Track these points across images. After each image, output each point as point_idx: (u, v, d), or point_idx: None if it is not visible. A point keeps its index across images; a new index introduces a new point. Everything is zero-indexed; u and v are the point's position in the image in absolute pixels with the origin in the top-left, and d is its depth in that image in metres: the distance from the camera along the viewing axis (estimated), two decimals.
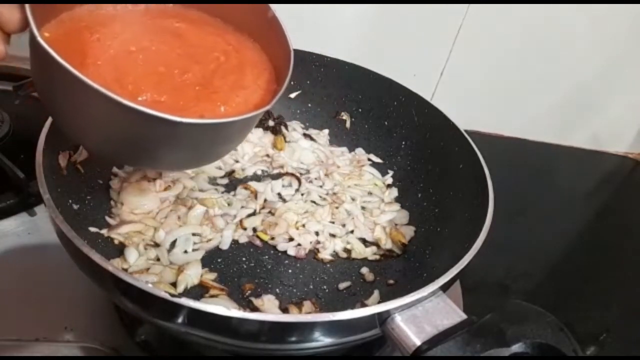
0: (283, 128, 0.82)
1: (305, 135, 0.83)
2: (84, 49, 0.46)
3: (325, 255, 0.66)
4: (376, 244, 0.69)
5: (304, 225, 0.69)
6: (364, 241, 0.69)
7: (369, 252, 0.68)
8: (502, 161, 0.96)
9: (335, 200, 0.73)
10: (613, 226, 1.00)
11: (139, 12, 0.53)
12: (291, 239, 0.67)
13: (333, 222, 0.70)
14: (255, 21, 0.55)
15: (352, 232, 0.70)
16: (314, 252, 0.67)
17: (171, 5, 0.56)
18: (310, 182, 0.76)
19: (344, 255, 0.67)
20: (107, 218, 0.63)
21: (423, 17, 0.98)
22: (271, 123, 0.82)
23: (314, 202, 0.73)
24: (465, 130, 0.68)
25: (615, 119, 1.15)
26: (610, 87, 1.10)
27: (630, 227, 1.00)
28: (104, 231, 0.61)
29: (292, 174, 0.76)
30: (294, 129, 0.83)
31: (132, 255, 0.59)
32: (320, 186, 0.76)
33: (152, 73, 0.47)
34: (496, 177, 0.61)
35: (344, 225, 0.70)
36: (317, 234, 0.68)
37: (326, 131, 0.85)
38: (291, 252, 0.65)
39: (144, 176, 0.69)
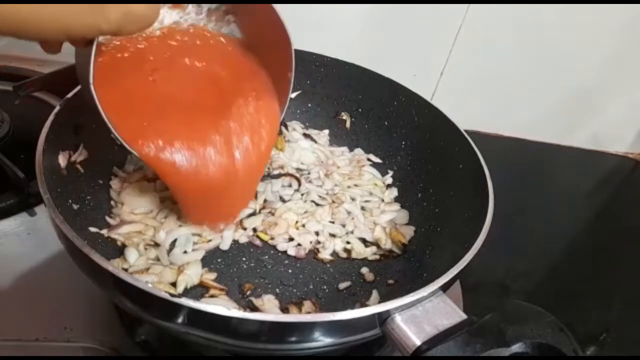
0: (283, 128, 0.82)
1: (305, 135, 0.83)
2: (137, 89, 0.54)
3: (325, 255, 0.66)
4: (376, 244, 0.69)
5: (304, 225, 0.69)
6: (364, 241, 0.69)
7: (369, 252, 0.68)
8: (502, 161, 0.96)
9: (335, 201, 0.73)
10: (613, 226, 1.00)
11: (191, 48, 0.60)
12: (291, 239, 0.67)
13: (333, 222, 0.70)
14: (279, 72, 0.61)
15: (352, 232, 0.70)
16: (314, 252, 0.67)
17: (219, 40, 0.62)
18: (310, 182, 0.76)
19: (344, 255, 0.67)
20: (107, 218, 0.63)
21: (423, 17, 0.98)
22: None
23: (314, 202, 0.73)
24: (465, 130, 0.68)
25: (615, 119, 1.15)
26: (610, 87, 1.10)
27: (631, 227, 0.99)
28: (104, 231, 0.61)
29: (292, 175, 0.76)
30: (294, 129, 0.83)
31: (132, 255, 0.59)
32: (320, 186, 0.76)
33: (188, 124, 0.56)
34: (496, 177, 0.61)
35: (343, 226, 0.70)
36: (317, 234, 0.68)
37: (326, 131, 0.85)
38: (291, 252, 0.65)
39: (143, 176, 0.69)
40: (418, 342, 0.41)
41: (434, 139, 0.74)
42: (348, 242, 0.68)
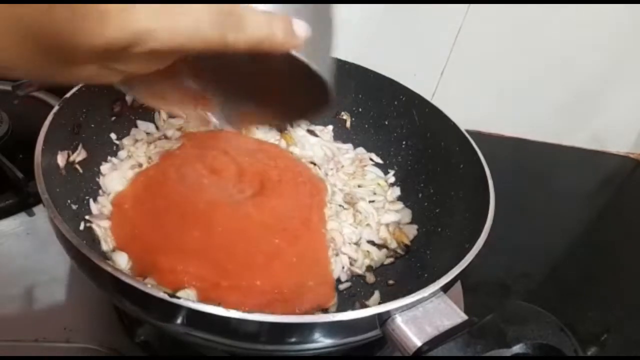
0: (288, 125, 0.81)
1: (309, 131, 0.82)
2: None
3: (357, 269, 0.64)
4: (384, 245, 0.68)
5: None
6: (372, 243, 0.68)
7: (383, 257, 0.67)
8: (503, 161, 0.96)
9: (350, 201, 0.72)
10: (614, 226, 1.00)
11: None
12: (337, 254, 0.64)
13: (351, 224, 0.69)
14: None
15: (362, 234, 0.69)
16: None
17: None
18: (327, 176, 0.76)
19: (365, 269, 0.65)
20: (91, 202, 0.62)
21: (423, 17, 0.98)
22: None
23: (340, 205, 0.72)
24: (466, 130, 0.68)
25: (616, 118, 1.15)
26: (612, 87, 1.10)
27: (631, 227, 0.99)
28: (87, 216, 0.59)
29: (314, 163, 0.76)
30: (298, 125, 0.83)
31: (121, 259, 0.56)
32: (334, 185, 0.75)
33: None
34: (497, 177, 0.60)
35: (356, 227, 0.69)
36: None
37: (330, 127, 0.84)
38: (343, 277, 0.63)
39: (133, 164, 0.68)
40: (419, 343, 0.41)
41: (434, 139, 0.74)
42: (369, 252, 0.67)
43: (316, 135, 0.82)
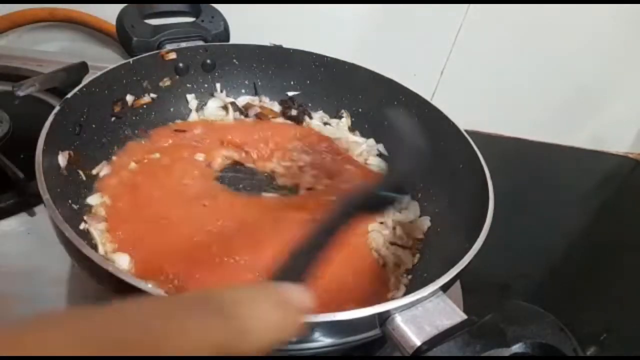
0: (306, 117, 0.81)
1: (325, 124, 0.82)
2: None
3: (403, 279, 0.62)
4: (402, 245, 0.66)
5: None
6: (394, 244, 0.67)
7: (411, 257, 0.65)
8: (502, 161, 0.96)
9: None
10: (613, 226, 1.00)
11: None
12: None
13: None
14: None
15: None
16: None
17: None
18: None
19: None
20: (87, 201, 0.61)
21: (423, 17, 0.98)
22: (294, 112, 0.81)
23: None
24: (465, 130, 0.68)
25: (615, 118, 1.15)
26: (610, 87, 1.10)
27: (631, 227, 0.99)
28: (85, 217, 0.59)
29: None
30: (314, 118, 0.83)
31: (123, 261, 0.56)
32: None
33: None
34: (496, 177, 0.61)
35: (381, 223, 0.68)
36: None
37: (344, 120, 0.84)
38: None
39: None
40: (418, 342, 0.41)
41: (434, 139, 0.73)
42: (399, 256, 0.65)
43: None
